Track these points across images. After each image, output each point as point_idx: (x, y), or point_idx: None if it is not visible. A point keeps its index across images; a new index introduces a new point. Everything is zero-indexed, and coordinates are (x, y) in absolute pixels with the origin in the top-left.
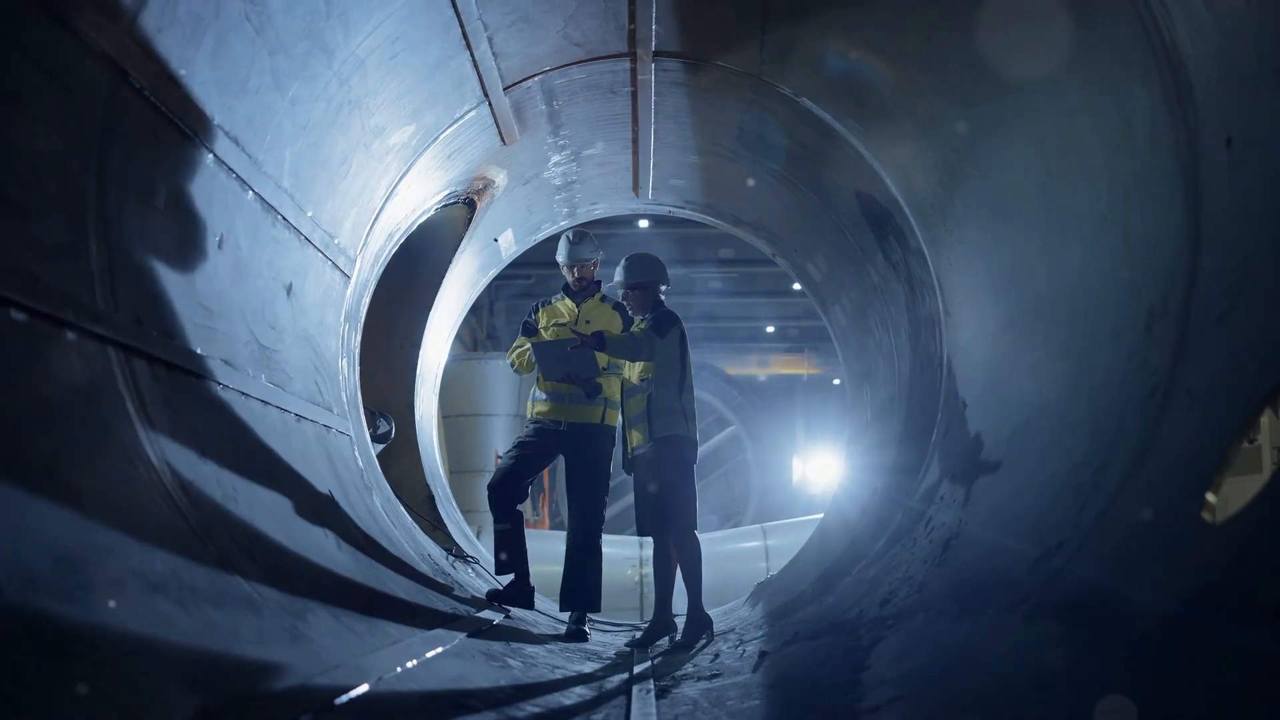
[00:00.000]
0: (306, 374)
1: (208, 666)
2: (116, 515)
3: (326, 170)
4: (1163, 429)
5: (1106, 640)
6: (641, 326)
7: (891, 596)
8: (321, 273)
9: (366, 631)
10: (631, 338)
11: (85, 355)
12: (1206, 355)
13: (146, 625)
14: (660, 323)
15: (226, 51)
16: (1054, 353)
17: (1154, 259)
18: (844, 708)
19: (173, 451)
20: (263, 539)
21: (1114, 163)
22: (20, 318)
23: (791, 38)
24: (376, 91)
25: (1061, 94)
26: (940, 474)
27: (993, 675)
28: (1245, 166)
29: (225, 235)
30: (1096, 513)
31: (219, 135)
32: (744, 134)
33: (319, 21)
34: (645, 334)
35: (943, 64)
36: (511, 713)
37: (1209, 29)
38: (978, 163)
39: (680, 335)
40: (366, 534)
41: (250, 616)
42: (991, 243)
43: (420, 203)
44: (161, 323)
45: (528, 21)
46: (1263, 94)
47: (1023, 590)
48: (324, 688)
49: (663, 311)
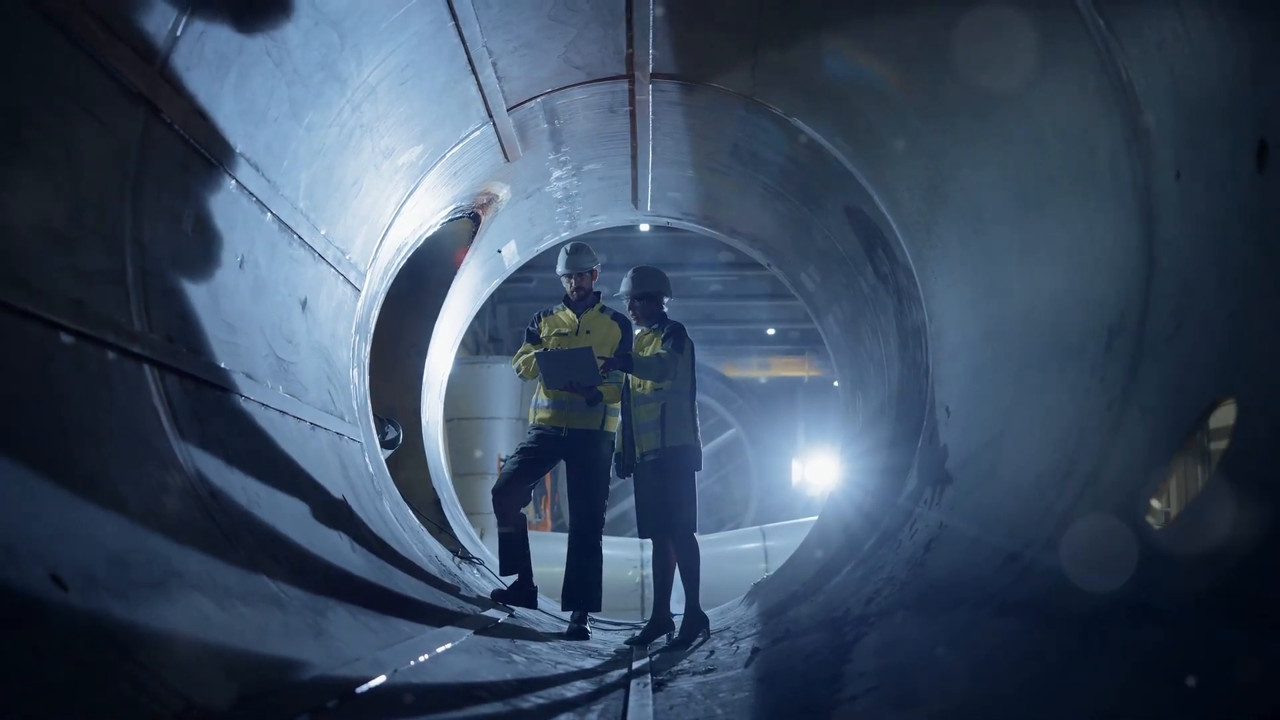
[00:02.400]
0: (320, 384)
1: (243, 657)
2: (157, 520)
3: (339, 191)
4: (1118, 439)
5: (1056, 633)
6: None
7: (876, 595)
8: (334, 287)
9: (381, 628)
10: (659, 360)
11: (124, 373)
12: (1156, 372)
13: (189, 620)
14: (678, 339)
15: (248, 85)
16: (1027, 364)
17: (1114, 280)
18: (825, 698)
19: (202, 460)
20: (285, 541)
21: (1079, 190)
22: (68, 340)
23: (782, 62)
24: (386, 115)
25: (1032, 124)
26: (924, 479)
27: (957, 666)
28: (1192, 198)
29: (246, 255)
30: (1059, 516)
31: (241, 163)
32: (738, 150)
33: (333, 53)
34: (670, 354)
35: (923, 90)
36: (517, 704)
37: (1160, 70)
38: (958, 183)
39: (690, 347)
40: (378, 537)
41: (277, 613)
42: (971, 259)
43: (427, 217)
44: (190, 340)
45: (530, 47)
46: (1207, 131)
47: (991, 589)
48: (345, 679)
49: (674, 326)
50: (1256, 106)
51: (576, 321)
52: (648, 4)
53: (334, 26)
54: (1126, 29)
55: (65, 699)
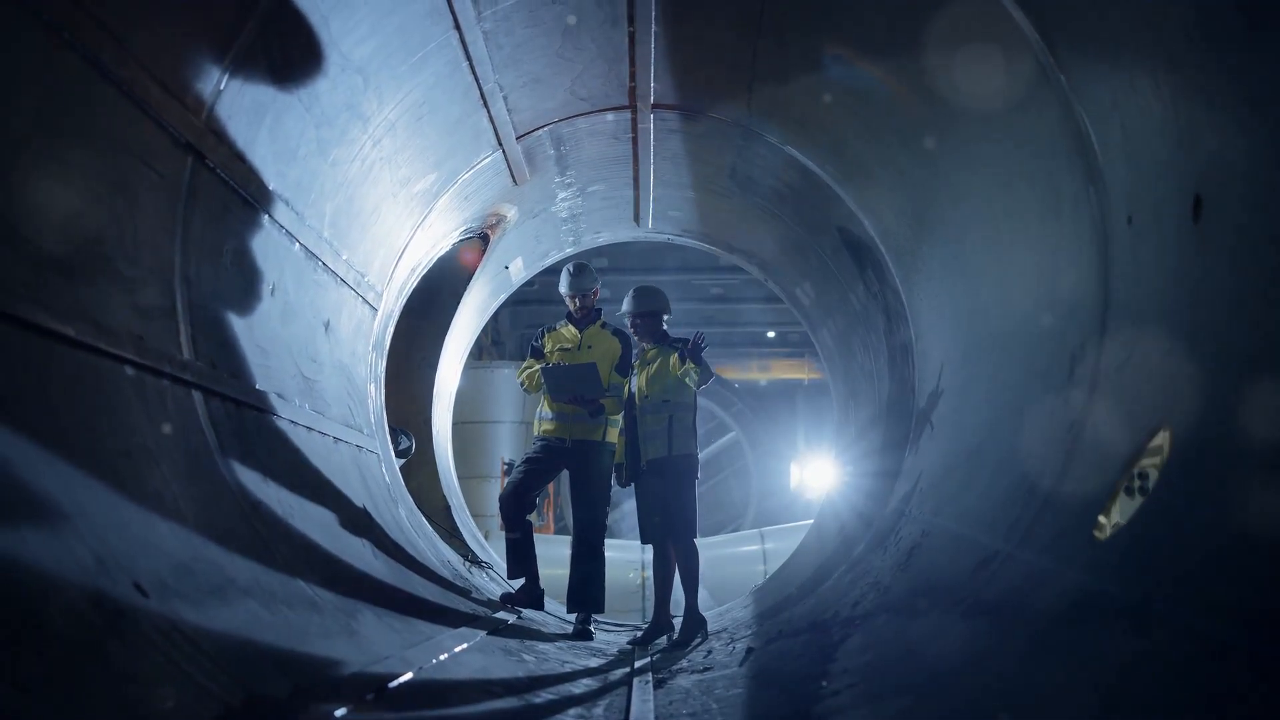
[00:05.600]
0: (341, 400)
1: (290, 655)
2: (211, 532)
3: (360, 218)
4: (1075, 458)
5: (1017, 632)
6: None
7: (862, 599)
8: (354, 308)
9: (404, 629)
10: (703, 373)
11: (177, 398)
12: (1109, 399)
13: (244, 621)
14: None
15: (282, 128)
16: (1002, 384)
17: (1076, 311)
18: (811, 692)
19: (244, 475)
20: (317, 549)
21: (1045, 227)
22: (131, 372)
23: (775, 96)
24: (405, 148)
25: (1004, 165)
26: (909, 489)
27: (929, 663)
28: (1140, 242)
29: (276, 283)
30: (1025, 527)
31: (274, 199)
32: (735, 174)
33: (357, 95)
34: (705, 367)
35: (907, 128)
36: (530, 699)
37: (1114, 125)
38: (940, 214)
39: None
40: (396, 543)
41: (315, 615)
42: (953, 284)
43: (439, 239)
44: (230, 365)
45: (539, 82)
46: (1152, 183)
47: (964, 592)
48: (378, 675)
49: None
50: (1193, 165)
51: (579, 337)
52: (649, 43)
53: (359, 71)
54: (1084, 87)
55: (154, 687)
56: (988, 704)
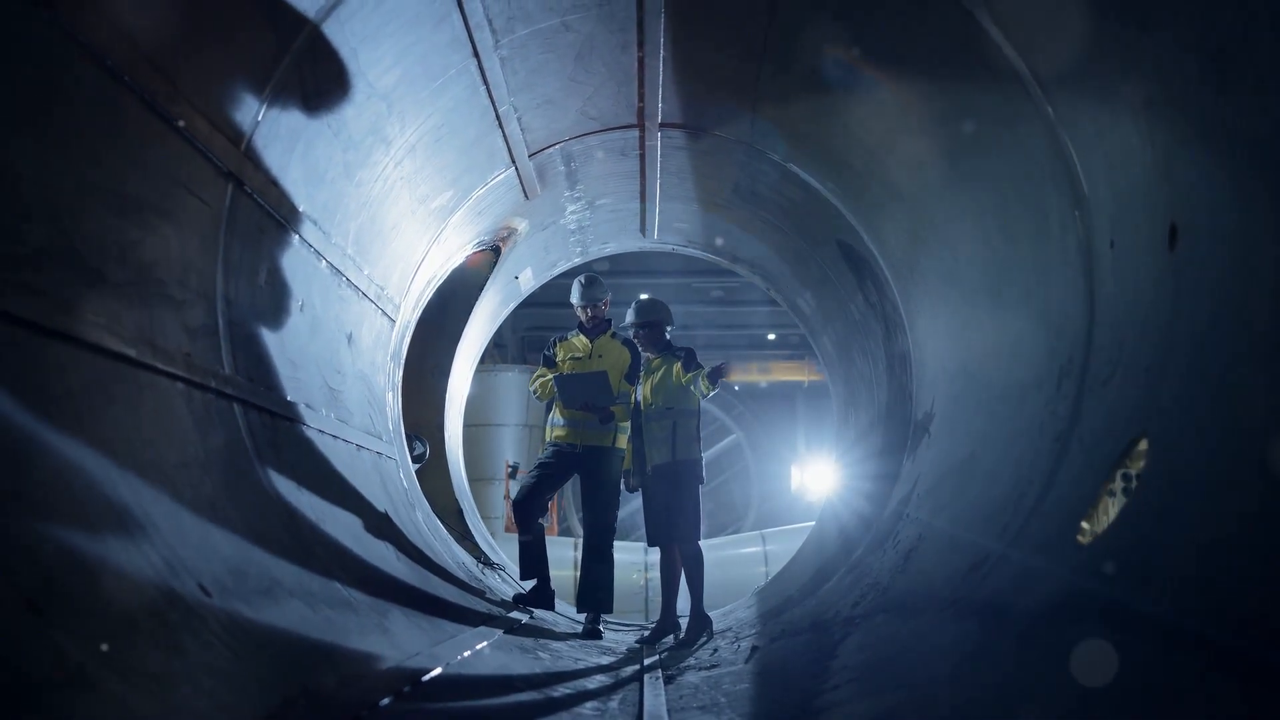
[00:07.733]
0: (362, 408)
1: (334, 650)
2: (256, 537)
3: (380, 235)
4: (1062, 467)
5: (1003, 632)
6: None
7: (862, 599)
8: (374, 320)
9: (429, 627)
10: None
11: (221, 411)
12: (1093, 411)
13: (292, 619)
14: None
15: (312, 153)
16: (994, 395)
17: (1064, 328)
18: (812, 688)
19: (281, 483)
20: (347, 552)
21: (1036, 246)
22: (181, 388)
23: (778, 117)
24: (423, 168)
25: (997, 187)
26: (907, 493)
27: (924, 660)
28: (1121, 265)
29: (305, 299)
30: (1014, 532)
31: (304, 220)
32: (739, 189)
33: (381, 120)
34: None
35: (904, 149)
36: (549, 693)
37: (1097, 154)
38: (936, 231)
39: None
40: (415, 546)
41: (351, 615)
42: (949, 298)
43: (453, 252)
44: (265, 378)
45: (551, 103)
46: (1132, 210)
47: (955, 595)
48: (411, 669)
49: (688, 351)
50: (1168, 195)
51: (590, 346)
52: (657, 67)
53: (384, 98)
54: (1070, 117)
55: (225, 679)
56: (977, 699)
